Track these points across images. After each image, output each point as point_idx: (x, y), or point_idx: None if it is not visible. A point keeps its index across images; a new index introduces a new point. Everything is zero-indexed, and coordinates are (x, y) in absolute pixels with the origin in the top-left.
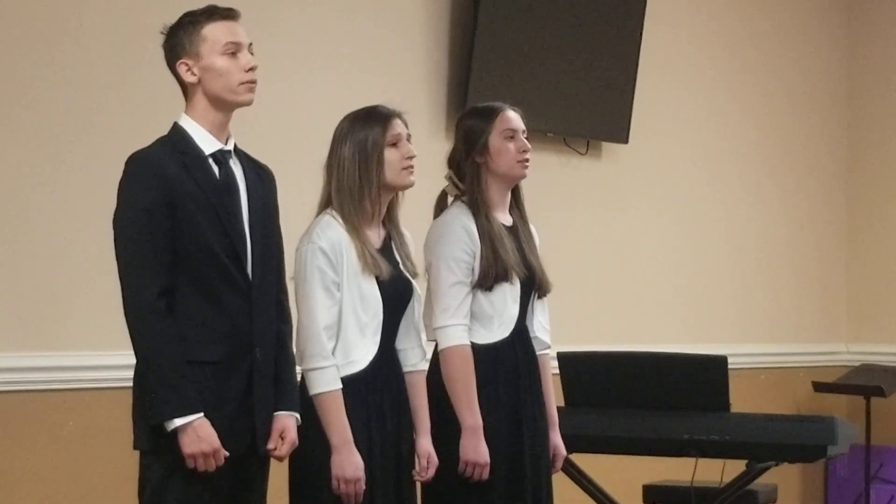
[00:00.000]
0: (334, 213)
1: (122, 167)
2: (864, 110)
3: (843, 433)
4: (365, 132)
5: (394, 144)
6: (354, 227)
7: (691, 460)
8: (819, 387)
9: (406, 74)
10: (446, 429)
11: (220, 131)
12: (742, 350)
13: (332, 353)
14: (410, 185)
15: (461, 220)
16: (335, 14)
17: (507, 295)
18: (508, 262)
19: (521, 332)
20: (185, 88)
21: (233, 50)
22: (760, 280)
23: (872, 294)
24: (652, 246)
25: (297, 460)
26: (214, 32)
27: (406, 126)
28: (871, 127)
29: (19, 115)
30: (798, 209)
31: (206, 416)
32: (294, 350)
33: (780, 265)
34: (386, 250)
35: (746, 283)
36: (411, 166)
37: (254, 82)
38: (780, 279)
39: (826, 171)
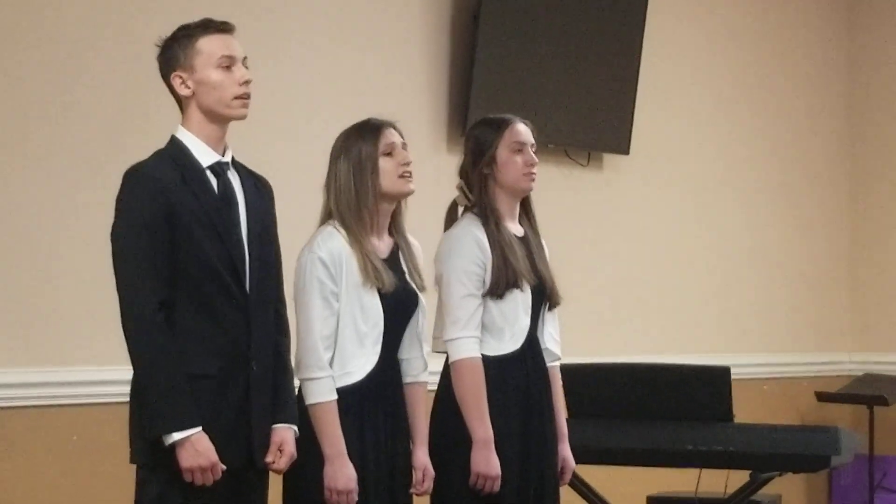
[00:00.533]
0: (336, 224)
1: None
2: (866, 120)
3: (847, 443)
4: (358, 146)
5: (388, 154)
6: (357, 238)
7: (695, 471)
8: (822, 396)
9: (407, 88)
10: (456, 441)
11: (217, 143)
12: (745, 360)
13: (330, 364)
14: (409, 193)
15: (472, 232)
16: (336, 28)
17: (519, 305)
18: (519, 269)
19: (532, 343)
20: (180, 101)
21: (227, 63)
22: (762, 290)
23: (875, 303)
24: (654, 257)
25: (291, 470)
26: (209, 45)
27: (401, 135)
28: (874, 137)
29: (27, 133)
30: (800, 219)
31: (203, 429)
32: (292, 361)
33: (783, 275)
34: (393, 260)
35: (748, 292)
36: (408, 173)
37: (247, 96)
38: (782, 289)
39: (828, 180)
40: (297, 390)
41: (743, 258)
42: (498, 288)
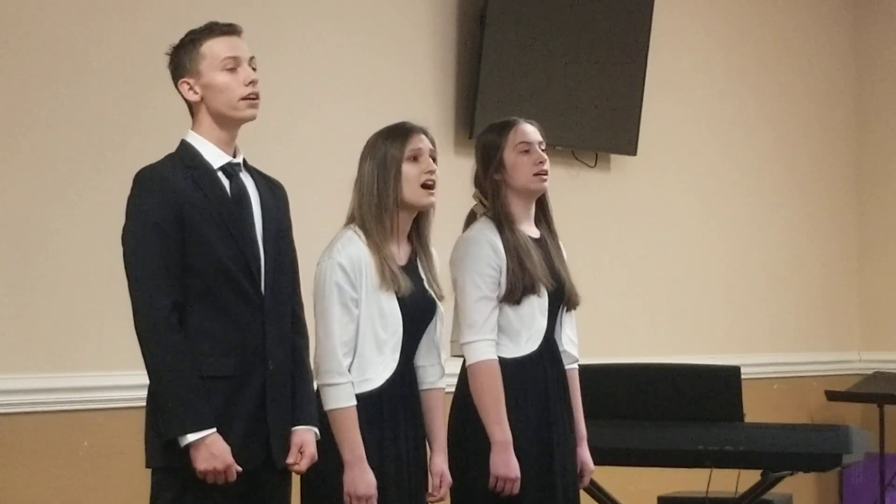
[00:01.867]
0: (357, 228)
1: None
2: (873, 118)
3: (858, 441)
4: (385, 147)
5: (413, 159)
6: (376, 243)
7: (706, 471)
8: (832, 395)
9: (414, 90)
10: (476, 444)
11: (228, 146)
12: (755, 360)
13: (349, 370)
14: (429, 205)
15: (486, 235)
16: (342, 31)
17: (535, 308)
18: (536, 275)
19: (549, 345)
20: (191, 106)
21: (231, 65)
22: (772, 290)
23: (884, 302)
24: (663, 257)
25: (311, 476)
26: (213, 48)
27: (432, 142)
28: (880, 134)
29: (34, 136)
30: (808, 218)
31: (218, 431)
32: (312, 364)
33: (792, 274)
34: (411, 268)
35: (757, 292)
36: (431, 183)
37: (255, 96)
38: (791, 288)
39: (836, 179)
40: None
41: (752, 258)
42: (514, 294)
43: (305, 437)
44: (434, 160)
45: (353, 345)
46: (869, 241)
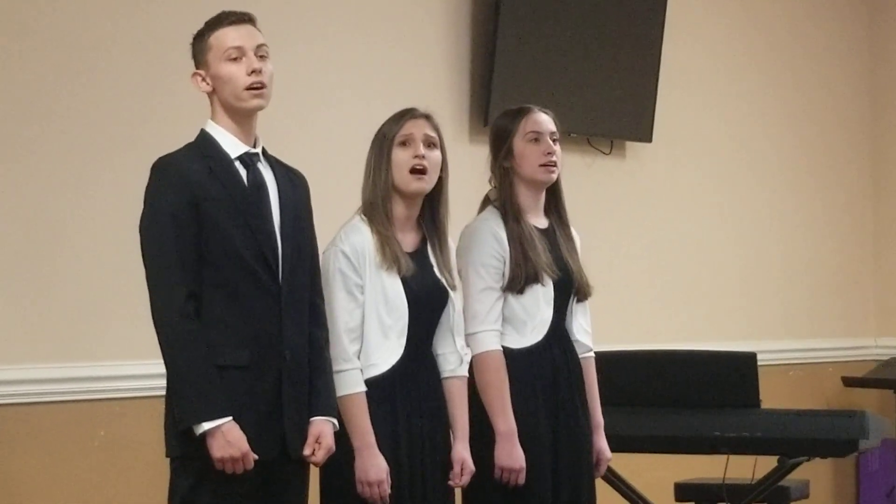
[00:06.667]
0: (362, 214)
1: None
2: (888, 105)
3: (875, 427)
4: (382, 132)
5: (403, 143)
6: (378, 229)
7: (722, 457)
8: (848, 381)
9: (428, 78)
10: (481, 434)
11: (246, 136)
12: (771, 346)
13: (357, 356)
14: (418, 191)
15: (490, 226)
16: (355, 19)
17: (540, 298)
18: (539, 264)
19: (557, 335)
20: (209, 97)
21: (235, 55)
22: (787, 276)
23: None
24: (678, 244)
25: (326, 465)
26: (218, 40)
27: (435, 128)
28: (895, 118)
29: (49, 127)
30: (823, 204)
31: (234, 420)
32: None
33: (807, 260)
34: (419, 255)
35: (773, 279)
36: (420, 168)
37: (258, 86)
38: (807, 274)
39: (851, 165)
40: None
41: (767, 244)
42: (517, 283)
43: (323, 427)
44: (433, 146)
45: (359, 331)
46: (884, 227)
